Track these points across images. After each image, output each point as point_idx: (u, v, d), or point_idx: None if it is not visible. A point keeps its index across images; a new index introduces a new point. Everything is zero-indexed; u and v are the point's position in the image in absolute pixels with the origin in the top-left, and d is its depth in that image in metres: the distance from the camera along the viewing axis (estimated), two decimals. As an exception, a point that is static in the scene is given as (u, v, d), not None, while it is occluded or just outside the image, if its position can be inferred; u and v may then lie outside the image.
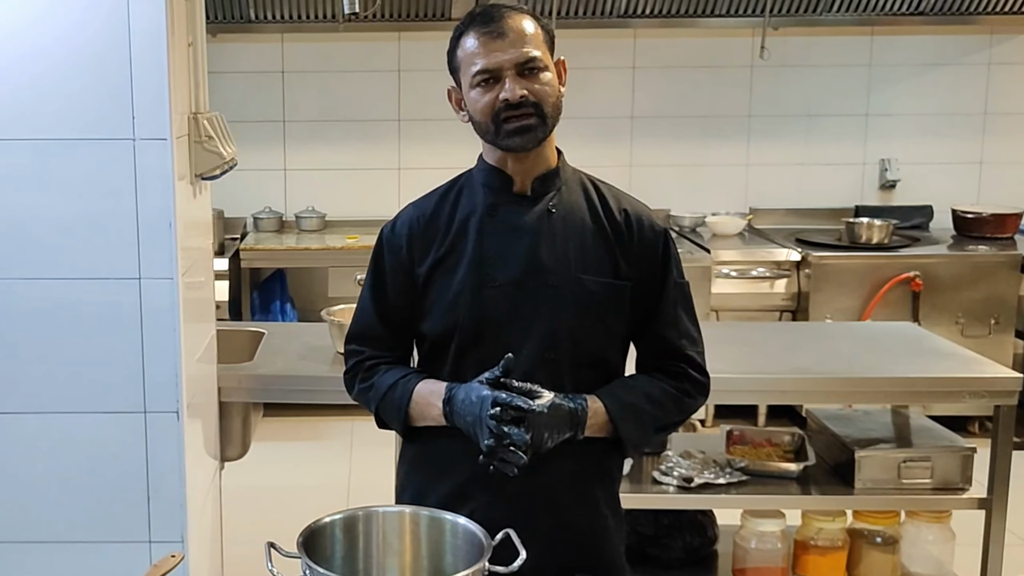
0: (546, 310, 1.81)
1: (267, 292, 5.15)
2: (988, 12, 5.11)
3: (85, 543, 2.37)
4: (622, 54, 5.32)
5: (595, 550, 1.89)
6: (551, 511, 1.83)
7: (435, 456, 1.89)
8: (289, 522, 1.66)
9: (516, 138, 1.76)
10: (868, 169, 5.46)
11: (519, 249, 1.81)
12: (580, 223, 1.84)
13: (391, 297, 1.89)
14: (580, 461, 1.85)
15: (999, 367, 2.93)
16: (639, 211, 1.88)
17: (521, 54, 1.74)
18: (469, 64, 1.77)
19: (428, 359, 1.91)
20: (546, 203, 1.84)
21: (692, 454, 3.06)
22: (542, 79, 1.76)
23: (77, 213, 2.26)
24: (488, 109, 1.76)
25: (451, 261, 1.83)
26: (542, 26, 1.80)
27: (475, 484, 1.82)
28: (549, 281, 1.81)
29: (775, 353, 3.07)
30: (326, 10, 5.03)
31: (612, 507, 1.93)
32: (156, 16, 2.19)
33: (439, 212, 1.87)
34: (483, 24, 1.77)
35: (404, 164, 5.32)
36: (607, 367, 1.88)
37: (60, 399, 2.32)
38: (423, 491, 1.87)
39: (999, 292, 4.70)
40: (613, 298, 1.84)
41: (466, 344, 1.83)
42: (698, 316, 1.97)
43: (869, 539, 3.03)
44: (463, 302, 1.81)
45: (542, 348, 1.80)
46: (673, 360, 1.88)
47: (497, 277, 1.81)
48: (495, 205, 1.84)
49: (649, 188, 5.31)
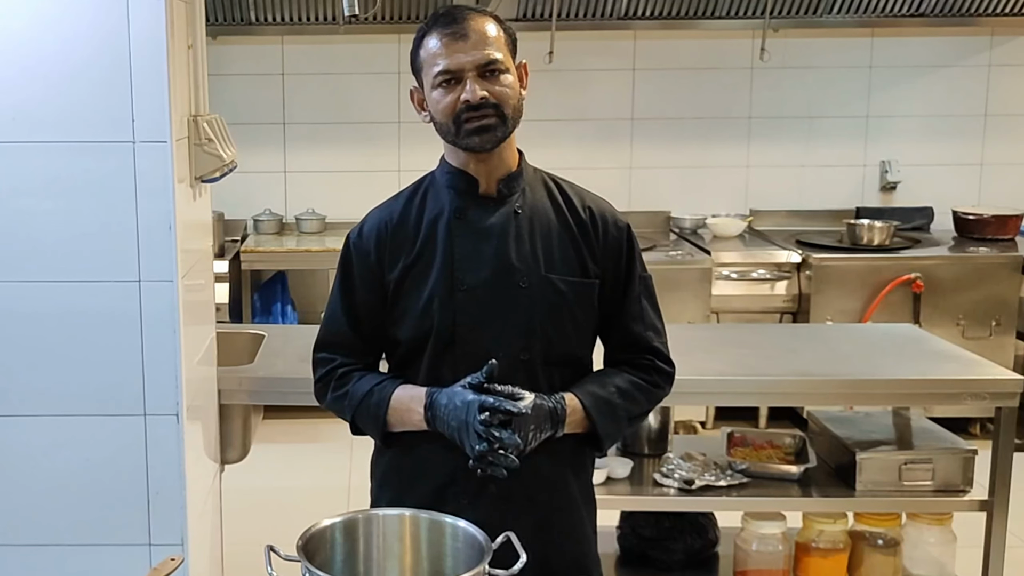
0: (518, 311, 1.83)
1: (268, 294, 5.15)
2: (988, 14, 5.10)
3: (85, 546, 2.36)
4: (622, 56, 5.32)
5: (572, 545, 1.92)
6: (529, 511, 1.85)
7: (410, 462, 1.90)
8: (289, 525, 1.66)
9: (475, 137, 1.78)
10: (869, 171, 5.46)
11: (488, 251, 1.83)
12: (546, 223, 1.86)
13: (361, 303, 1.90)
14: (555, 458, 1.87)
15: (1000, 369, 2.93)
16: (602, 208, 1.91)
17: (483, 56, 1.76)
18: (431, 65, 1.79)
19: (402, 364, 1.91)
20: (512, 204, 1.86)
21: (693, 456, 3.05)
22: (503, 81, 1.78)
23: (77, 216, 2.26)
24: (449, 110, 1.78)
25: (421, 266, 1.85)
26: (504, 29, 1.82)
27: (453, 487, 1.84)
28: (519, 282, 1.83)
29: (776, 355, 3.07)
30: (326, 12, 5.04)
31: (586, 498, 1.97)
32: (156, 19, 2.19)
33: (407, 216, 1.89)
34: (446, 25, 1.79)
35: (404, 166, 5.32)
36: (579, 364, 1.91)
37: (60, 402, 2.32)
38: (399, 497, 1.87)
39: (1000, 294, 4.69)
40: (582, 296, 1.86)
41: (440, 348, 1.84)
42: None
43: (870, 541, 3.02)
44: (435, 307, 1.83)
45: (516, 349, 1.83)
46: (641, 352, 1.92)
47: (467, 280, 1.83)
48: (462, 208, 1.85)
49: (649, 190, 5.33)
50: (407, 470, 1.90)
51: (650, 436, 3.14)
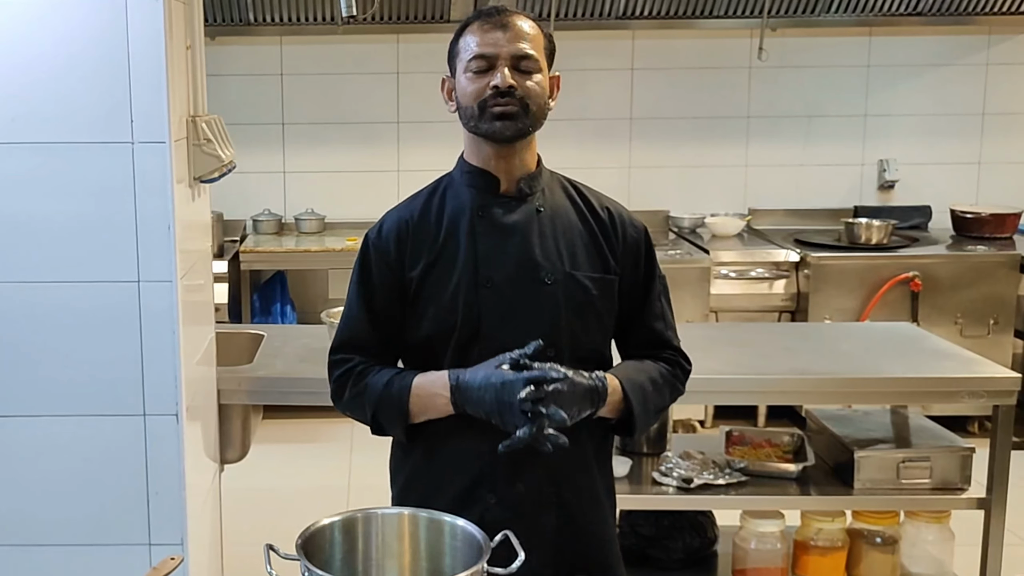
0: (543, 307, 1.82)
1: (267, 294, 5.16)
2: (986, 13, 5.12)
3: (85, 546, 2.37)
4: (621, 55, 5.33)
5: (597, 543, 1.92)
6: (558, 508, 1.85)
7: (436, 465, 1.88)
8: (288, 524, 1.67)
9: (497, 123, 1.78)
10: (867, 169, 5.47)
11: (511, 248, 1.83)
12: (567, 222, 1.88)
13: (381, 303, 1.88)
14: (581, 454, 1.86)
15: (997, 367, 2.93)
16: (619, 210, 1.94)
17: (518, 48, 1.79)
18: (466, 50, 1.81)
19: (423, 363, 1.87)
20: (533, 203, 1.86)
21: (692, 455, 3.06)
22: (534, 78, 1.80)
23: (76, 216, 2.26)
24: (477, 94, 1.79)
25: (444, 262, 1.84)
26: (545, 34, 1.85)
27: (482, 486, 1.83)
28: (544, 278, 1.83)
29: (774, 354, 3.08)
30: (324, 12, 5.04)
31: (609, 496, 1.98)
32: (154, 19, 2.20)
33: (427, 214, 1.88)
34: (488, 17, 1.82)
35: (403, 166, 5.33)
36: (601, 361, 1.91)
37: (60, 402, 2.32)
38: (425, 503, 1.80)
39: (998, 292, 4.70)
40: (605, 292, 1.87)
41: (464, 343, 1.82)
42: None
43: (869, 539, 3.03)
44: (460, 302, 1.82)
45: (542, 345, 1.80)
46: (665, 349, 1.94)
47: (492, 276, 1.82)
48: (484, 205, 1.85)
49: (648, 189, 5.33)
50: (434, 473, 1.88)
51: (649, 435, 3.14)
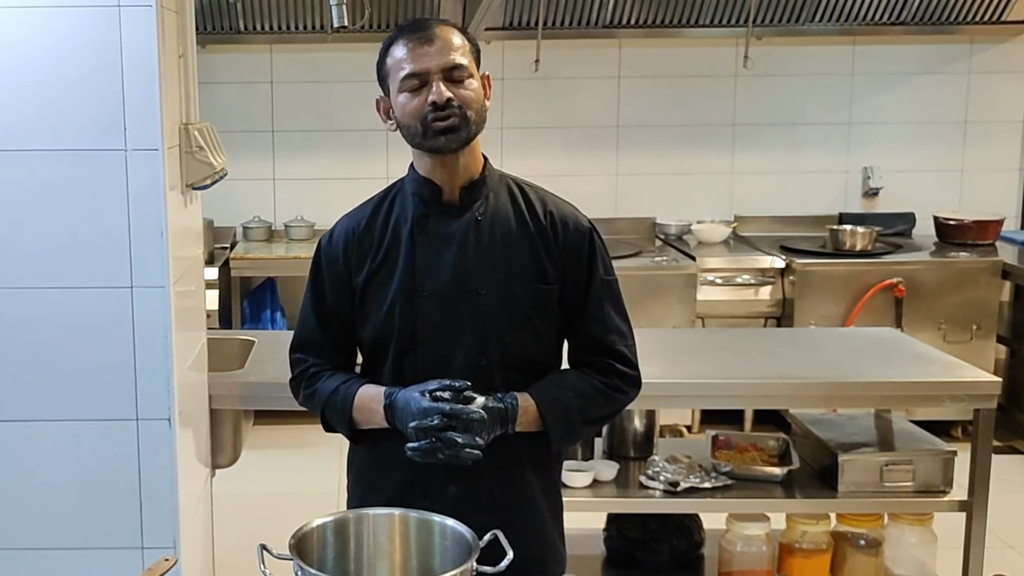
0: (475, 317, 1.88)
1: (257, 301, 5.17)
2: (968, 22, 5.17)
3: (77, 550, 2.38)
4: (607, 64, 5.36)
5: (533, 544, 1.92)
6: (489, 511, 1.88)
7: (376, 462, 1.97)
8: (280, 528, 1.69)
9: (441, 138, 1.84)
10: (851, 177, 5.51)
11: (448, 258, 1.89)
12: (506, 229, 1.91)
13: (331, 306, 1.98)
14: (515, 459, 1.92)
15: (979, 371, 2.97)
16: (564, 212, 1.95)
17: (448, 60, 1.83)
18: (397, 70, 1.86)
19: (369, 363, 1.99)
20: (474, 212, 1.91)
21: (678, 459, 3.08)
22: (467, 86, 1.85)
23: (70, 223, 2.28)
24: (416, 112, 1.84)
25: (385, 271, 1.92)
26: (468, 39, 1.89)
27: (415, 488, 1.89)
28: (477, 289, 1.88)
29: (760, 359, 3.11)
30: (314, 21, 5.06)
31: (549, 497, 2.00)
32: (147, 28, 2.22)
33: (373, 223, 1.96)
34: (412, 33, 1.86)
35: (392, 174, 5.25)
36: (537, 368, 1.94)
37: (52, 407, 2.34)
38: (366, 497, 1.94)
39: (980, 298, 4.74)
40: (540, 302, 1.91)
41: (402, 350, 1.91)
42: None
43: (853, 542, 3.06)
44: (397, 311, 1.89)
45: (473, 353, 1.88)
46: (602, 356, 1.94)
47: (427, 286, 1.89)
48: (425, 216, 1.91)
49: (635, 196, 5.37)
50: (377, 465, 1.97)
51: (636, 439, 3.18)
